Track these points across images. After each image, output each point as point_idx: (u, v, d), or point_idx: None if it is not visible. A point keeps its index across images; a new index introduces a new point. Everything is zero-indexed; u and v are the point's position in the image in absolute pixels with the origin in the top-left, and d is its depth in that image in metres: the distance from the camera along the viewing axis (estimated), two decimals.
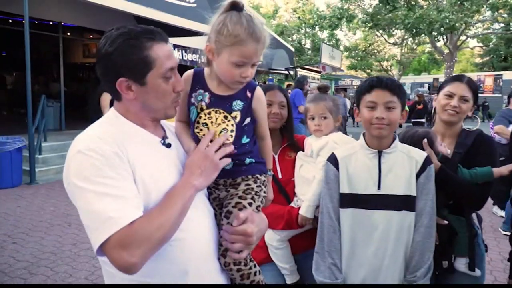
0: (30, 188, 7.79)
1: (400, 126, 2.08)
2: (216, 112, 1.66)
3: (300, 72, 19.13)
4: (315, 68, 21.45)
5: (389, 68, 39.13)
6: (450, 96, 2.37)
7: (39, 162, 8.72)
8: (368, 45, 36.82)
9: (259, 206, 1.71)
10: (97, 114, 4.85)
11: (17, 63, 8.00)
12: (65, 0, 9.18)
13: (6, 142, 7.64)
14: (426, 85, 33.64)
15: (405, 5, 19.96)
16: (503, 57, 42.44)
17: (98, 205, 1.30)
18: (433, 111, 2.58)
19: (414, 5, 19.99)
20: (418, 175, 1.99)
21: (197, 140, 1.70)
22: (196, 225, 1.56)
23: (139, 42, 1.46)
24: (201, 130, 1.68)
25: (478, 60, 47.92)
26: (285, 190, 2.52)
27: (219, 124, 1.67)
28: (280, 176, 2.52)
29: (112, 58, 1.45)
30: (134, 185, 1.40)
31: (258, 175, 1.75)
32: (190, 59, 16.58)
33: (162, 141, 1.62)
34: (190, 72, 1.74)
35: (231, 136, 1.68)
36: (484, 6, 20.03)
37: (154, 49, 1.48)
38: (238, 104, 1.69)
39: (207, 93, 1.68)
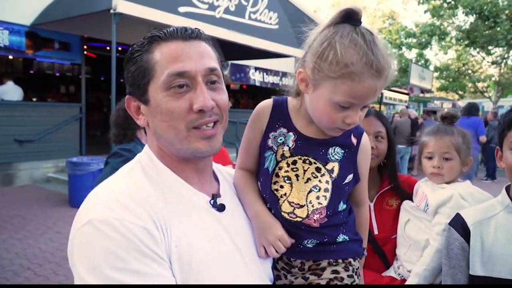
0: None
1: None
2: (304, 162, 1.16)
3: (386, 93, 18.15)
4: (402, 90, 20.31)
5: (485, 90, 36.21)
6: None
7: None
8: (462, 65, 34.39)
9: None
10: None
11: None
12: (153, 26, 9.45)
13: (89, 163, 7.87)
14: None
15: (508, 20, 18.23)
16: None
17: None
18: None
19: None
20: None
21: (273, 200, 1.19)
22: None
23: (142, 46, 1.07)
24: (282, 187, 1.18)
25: None
26: (382, 250, 1.86)
27: (309, 179, 1.16)
28: (376, 232, 1.87)
29: (124, 74, 1.10)
30: (170, 279, 0.94)
31: (351, 260, 1.22)
32: (271, 82, 16.52)
33: (212, 202, 1.12)
34: (267, 102, 1.24)
35: (324, 198, 1.17)
36: None
37: (156, 51, 1.05)
38: (337, 152, 1.18)
39: (291, 134, 1.19)
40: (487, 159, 13.40)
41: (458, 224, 1.52)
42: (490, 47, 22.56)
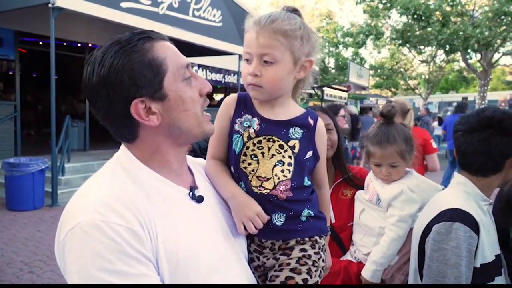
0: (52, 211, 7.57)
1: None
2: (268, 141, 1.30)
3: (327, 91, 18.76)
4: (342, 87, 21.08)
5: (416, 87, 38.32)
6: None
7: (62, 183, 8.56)
8: (395, 64, 36.18)
9: (318, 282, 1.29)
10: None
11: (47, 84, 7.95)
12: (93, 22, 9.18)
13: (29, 164, 7.49)
14: (455, 104, 32.76)
15: (438, 21, 19.42)
16: None
17: None
18: None
19: (448, 21, 19.44)
20: None
21: (243, 177, 1.31)
22: None
23: (135, 46, 1.08)
24: (250, 164, 1.30)
25: (510, 78, 46.55)
26: (339, 237, 2.00)
27: (273, 155, 1.29)
28: (333, 220, 2.00)
29: (111, 81, 1.05)
30: (154, 279, 0.99)
31: (317, 238, 1.34)
32: (214, 79, 16.51)
33: (191, 194, 1.19)
34: (233, 95, 1.40)
35: (288, 171, 1.30)
36: None
37: (157, 48, 1.11)
38: (296, 131, 1.33)
39: (256, 119, 1.33)
40: None
41: (472, 223, 1.52)
42: (421, 47, 23.89)
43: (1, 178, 8.34)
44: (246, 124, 1.34)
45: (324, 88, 18.33)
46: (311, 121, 1.38)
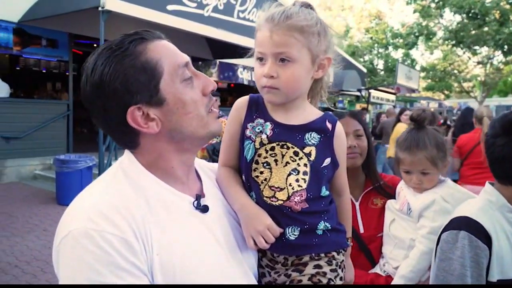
0: None
1: None
2: (282, 147, 1.19)
3: (374, 93, 18.32)
4: (389, 90, 20.50)
5: (471, 90, 36.62)
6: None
7: None
8: (448, 65, 34.77)
9: None
10: None
11: None
12: (142, 25, 9.47)
13: (78, 161, 7.81)
14: None
15: (496, 20, 18.46)
16: None
17: None
18: None
19: (507, 19, 18.40)
20: None
21: (255, 187, 1.21)
22: None
23: (126, 49, 1.02)
24: (262, 172, 1.20)
25: None
26: (368, 248, 1.88)
27: (287, 163, 1.18)
28: (361, 230, 1.89)
29: (104, 90, 1.01)
30: None
31: (334, 254, 1.23)
32: None
33: (196, 203, 1.12)
34: (244, 97, 1.30)
35: (304, 180, 1.19)
36: None
37: (151, 50, 1.04)
38: (313, 137, 1.22)
39: (269, 123, 1.22)
40: None
41: (480, 232, 1.42)
42: (476, 47, 22.87)
43: (52, 174, 8.77)
44: (258, 129, 1.23)
45: (370, 91, 17.89)
46: (329, 125, 1.27)
